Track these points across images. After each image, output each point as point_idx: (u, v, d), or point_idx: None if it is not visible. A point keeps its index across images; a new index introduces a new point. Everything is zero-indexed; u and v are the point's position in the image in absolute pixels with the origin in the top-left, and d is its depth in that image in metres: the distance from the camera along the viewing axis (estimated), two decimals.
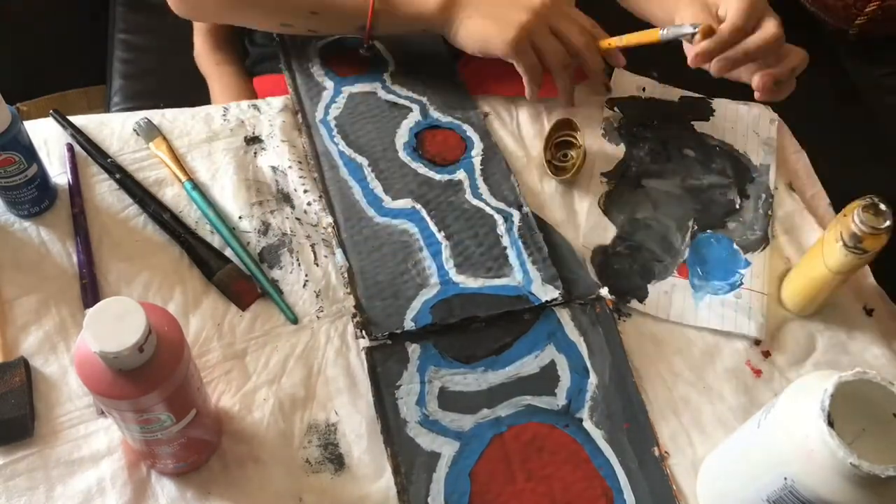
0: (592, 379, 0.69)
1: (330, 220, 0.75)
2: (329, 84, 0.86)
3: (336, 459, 0.63)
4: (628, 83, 0.91)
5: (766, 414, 0.56)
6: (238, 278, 0.71)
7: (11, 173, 0.67)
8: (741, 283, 0.76)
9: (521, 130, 0.85)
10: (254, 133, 0.81)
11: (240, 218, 0.74)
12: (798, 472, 0.52)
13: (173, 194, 0.75)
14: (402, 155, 0.81)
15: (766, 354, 0.73)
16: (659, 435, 0.67)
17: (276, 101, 0.84)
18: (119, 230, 0.72)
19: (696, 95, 0.91)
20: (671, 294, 0.75)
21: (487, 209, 0.78)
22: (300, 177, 0.78)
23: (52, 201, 0.73)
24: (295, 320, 0.69)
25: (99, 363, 0.49)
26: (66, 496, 0.60)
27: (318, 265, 0.73)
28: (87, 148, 0.76)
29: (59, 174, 0.75)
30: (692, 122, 0.88)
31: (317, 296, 0.71)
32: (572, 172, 0.80)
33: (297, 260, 0.73)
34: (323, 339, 0.69)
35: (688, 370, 0.71)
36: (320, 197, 0.77)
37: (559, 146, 0.83)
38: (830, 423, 0.49)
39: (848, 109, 1.28)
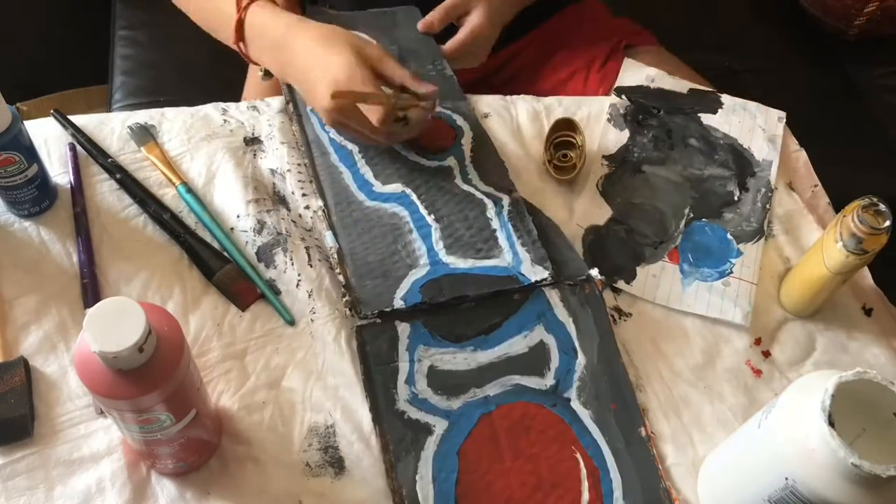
0: (581, 359, 0.69)
1: (320, 203, 0.75)
2: None
3: (336, 463, 0.63)
4: (637, 73, 0.91)
5: (767, 414, 0.56)
6: (238, 278, 0.71)
7: (12, 173, 0.67)
8: (731, 272, 0.77)
9: (521, 130, 0.85)
10: (253, 134, 0.80)
11: (238, 217, 0.74)
12: (799, 472, 0.52)
13: (173, 194, 0.75)
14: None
15: (766, 354, 0.73)
16: (660, 433, 0.67)
17: (275, 102, 0.84)
18: (119, 230, 0.72)
19: (706, 89, 0.91)
20: (659, 277, 0.76)
21: (477, 194, 0.78)
22: (298, 181, 0.78)
23: (52, 201, 0.73)
24: (292, 322, 0.69)
25: (99, 363, 0.49)
26: (65, 496, 0.60)
27: (311, 266, 0.72)
28: (88, 148, 0.76)
29: (59, 174, 0.75)
30: (699, 114, 0.89)
31: (309, 296, 0.71)
32: (574, 174, 0.80)
33: (291, 259, 0.72)
34: (322, 341, 0.69)
35: (688, 370, 0.71)
36: (315, 193, 0.76)
37: (558, 146, 0.83)
38: (831, 423, 0.49)
39: (848, 109, 1.28)
